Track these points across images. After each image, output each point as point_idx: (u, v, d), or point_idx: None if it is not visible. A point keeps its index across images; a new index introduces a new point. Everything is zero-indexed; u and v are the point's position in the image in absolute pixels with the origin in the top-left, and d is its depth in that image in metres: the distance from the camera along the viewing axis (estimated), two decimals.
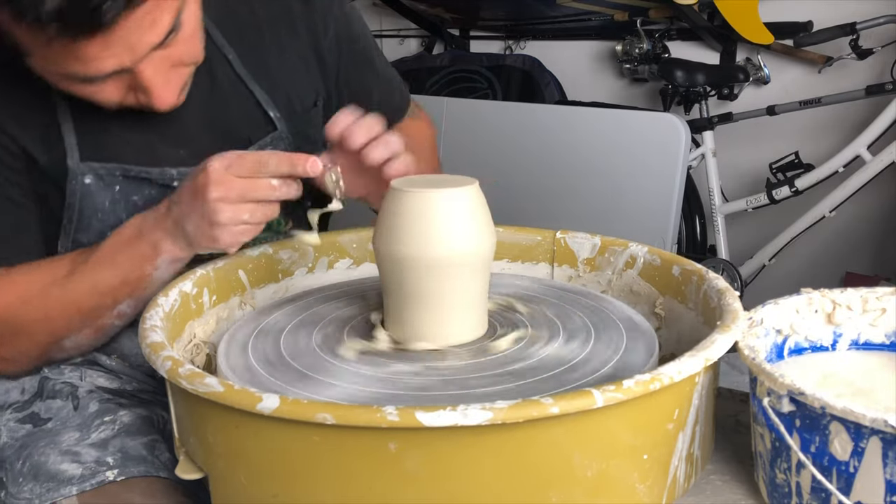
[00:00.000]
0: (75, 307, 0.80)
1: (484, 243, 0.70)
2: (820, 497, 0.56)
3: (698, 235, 2.42)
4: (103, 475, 0.78)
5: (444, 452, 0.51)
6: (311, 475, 0.53)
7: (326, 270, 0.92)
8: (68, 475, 0.78)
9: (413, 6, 2.89)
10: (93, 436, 0.83)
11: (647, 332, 0.72)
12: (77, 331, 0.83)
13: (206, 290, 0.78)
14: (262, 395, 0.52)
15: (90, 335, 0.84)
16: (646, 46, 2.52)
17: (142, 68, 0.73)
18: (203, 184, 0.72)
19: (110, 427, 0.84)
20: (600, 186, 2.15)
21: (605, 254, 0.88)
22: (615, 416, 0.53)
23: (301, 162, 0.72)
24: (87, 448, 0.81)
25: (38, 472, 0.79)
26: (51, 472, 0.79)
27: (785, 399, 0.56)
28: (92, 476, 0.78)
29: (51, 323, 0.81)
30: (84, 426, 0.84)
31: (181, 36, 0.74)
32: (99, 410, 0.86)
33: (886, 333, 0.71)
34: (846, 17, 2.21)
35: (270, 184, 0.73)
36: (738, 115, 2.36)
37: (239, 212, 0.72)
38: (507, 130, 2.26)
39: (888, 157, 2.07)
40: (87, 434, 0.83)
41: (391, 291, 0.72)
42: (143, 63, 0.73)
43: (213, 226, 0.73)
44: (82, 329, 0.83)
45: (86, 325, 0.83)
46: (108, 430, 0.84)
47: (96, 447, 0.81)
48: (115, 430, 0.84)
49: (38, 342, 0.83)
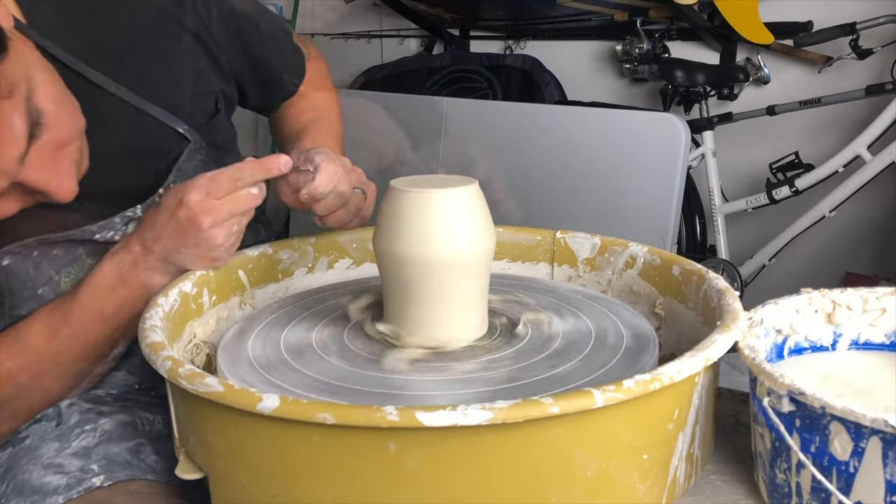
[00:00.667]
0: (72, 371, 0.81)
1: (484, 243, 0.70)
2: (820, 497, 0.56)
3: (698, 235, 2.42)
4: (89, 482, 0.76)
5: (444, 452, 0.51)
6: (311, 475, 0.53)
7: (326, 270, 0.92)
8: (53, 486, 0.76)
9: (413, 6, 2.89)
10: (73, 444, 0.81)
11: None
12: (76, 387, 0.84)
13: (206, 290, 0.78)
14: (262, 395, 0.52)
15: (86, 386, 0.86)
16: (646, 46, 2.52)
17: (24, 177, 0.68)
18: (190, 217, 0.73)
19: (91, 435, 0.82)
20: (600, 186, 2.14)
21: (605, 254, 0.88)
22: (615, 416, 0.53)
23: (275, 164, 0.76)
24: (70, 458, 0.79)
25: (23, 488, 0.77)
26: (34, 486, 0.77)
27: (785, 399, 0.56)
28: (78, 484, 0.76)
29: (47, 392, 0.82)
30: (63, 436, 0.82)
31: (47, 120, 0.68)
32: (79, 421, 0.84)
33: (886, 333, 0.71)
34: (846, 17, 2.21)
35: (250, 193, 0.75)
36: (738, 115, 2.36)
37: (230, 229, 0.76)
38: (507, 130, 2.26)
39: (888, 157, 2.07)
40: (66, 443, 0.81)
41: (391, 291, 0.72)
42: (21, 173, 0.68)
43: (211, 250, 0.76)
44: (80, 384, 0.84)
45: (84, 379, 0.84)
46: (90, 438, 0.82)
47: (79, 456, 0.79)
48: (96, 438, 0.82)
49: (30, 407, 0.83)
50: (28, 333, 0.79)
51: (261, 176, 0.76)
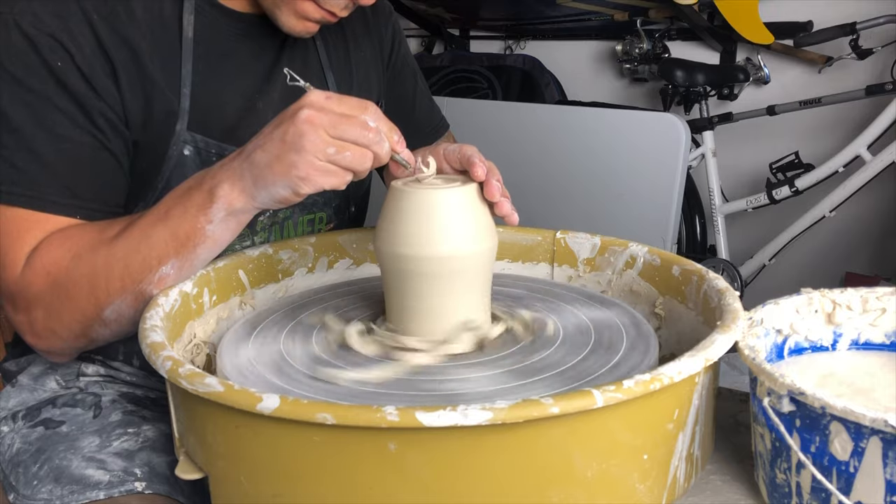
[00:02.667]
0: (121, 264, 0.73)
1: (484, 243, 0.70)
2: (820, 497, 0.56)
3: (698, 235, 2.42)
4: (131, 485, 0.78)
5: (444, 452, 0.51)
6: (312, 475, 0.53)
7: (326, 270, 0.92)
8: (94, 480, 0.78)
9: (413, 6, 2.89)
10: (115, 444, 0.83)
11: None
12: (118, 295, 0.74)
13: (206, 290, 0.78)
14: (262, 395, 0.52)
15: (131, 303, 0.75)
16: (646, 46, 2.52)
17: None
18: (295, 108, 0.66)
19: (134, 438, 0.83)
20: (600, 186, 2.14)
21: (605, 254, 0.88)
22: (615, 416, 0.53)
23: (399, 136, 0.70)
24: (112, 457, 0.81)
25: (60, 475, 0.79)
26: (74, 476, 0.79)
27: (785, 399, 0.56)
28: (121, 483, 0.78)
29: (94, 280, 0.73)
30: (104, 432, 0.84)
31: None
32: (121, 421, 0.85)
33: (886, 333, 0.71)
34: (846, 17, 2.21)
35: (366, 122, 0.66)
36: (738, 115, 2.36)
37: (325, 142, 0.65)
38: (507, 130, 2.26)
39: (888, 157, 2.07)
40: (107, 441, 0.83)
41: (392, 291, 0.72)
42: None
43: (292, 149, 0.65)
44: (123, 294, 0.74)
45: (127, 289, 0.73)
46: (132, 442, 0.83)
47: (122, 457, 0.81)
48: (139, 443, 0.83)
49: (82, 308, 0.75)
50: (108, 225, 0.76)
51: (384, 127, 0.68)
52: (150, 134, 0.83)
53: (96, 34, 0.79)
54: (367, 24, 1.04)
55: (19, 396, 0.90)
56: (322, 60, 0.98)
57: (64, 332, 0.77)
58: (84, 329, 0.76)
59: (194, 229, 0.71)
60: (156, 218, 0.73)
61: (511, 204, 0.75)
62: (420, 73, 1.16)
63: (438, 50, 3.10)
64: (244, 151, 0.69)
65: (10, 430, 0.86)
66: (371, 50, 1.05)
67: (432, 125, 1.16)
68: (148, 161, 0.84)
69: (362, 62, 1.03)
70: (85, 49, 0.78)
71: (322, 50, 0.98)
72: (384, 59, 1.08)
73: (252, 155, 0.68)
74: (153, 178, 0.84)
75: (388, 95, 1.09)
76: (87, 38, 0.79)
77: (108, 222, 0.78)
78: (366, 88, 1.03)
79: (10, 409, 0.89)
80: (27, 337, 0.78)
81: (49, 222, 0.76)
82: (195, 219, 0.70)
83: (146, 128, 0.83)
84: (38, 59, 0.76)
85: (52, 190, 0.76)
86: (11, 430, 0.86)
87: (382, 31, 1.07)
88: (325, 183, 0.66)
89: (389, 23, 1.08)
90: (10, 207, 0.75)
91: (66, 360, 0.86)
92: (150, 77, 0.82)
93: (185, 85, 0.84)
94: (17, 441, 0.85)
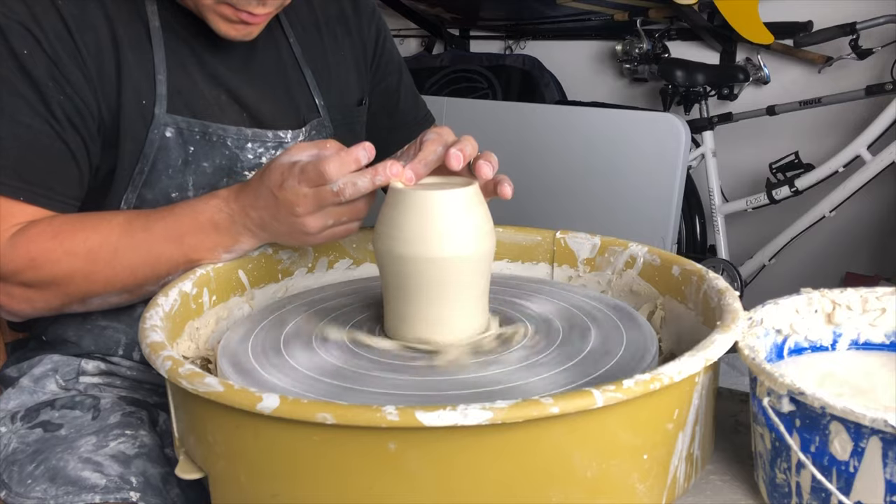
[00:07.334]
0: (127, 272, 0.80)
1: (484, 243, 0.70)
2: (820, 497, 0.56)
3: (698, 235, 2.42)
4: (127, 493, 0.78)
5: (444, 452, 0.51)
6: (311, 475, 0.53)
7: (326, 270, 0.92)
8: (91, 483, 0.78)
9: (413, 6, 2.90)
10: (111, 444, 0.82)
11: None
12: (115, 293, 0.83)
13: (206, 290, 0.78)
14: (262, 394, 0.52)
15: (125, 298, 0.84)
16: (646, 46, 2.52)
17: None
18: (287, 200, 0.74)
19: (131, 442, 0.83)
20: (600, 186, 2.15)
21: (605, 254, 0.88)
22: (615, 415, 0.53)
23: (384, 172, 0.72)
24: (109, 460, 0.80)
25: (56, 475, 0.79)
26: (70, 477, 0.78)
27: (785, 399, 0.56)
28: (117, 490, 0.78)
29: (90, 279, 0.81)
30: (101, 433, 0.83)
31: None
32: (119, 422, 0.85)
33: (886, 333, 0.71)
34: (846, 17, 2.21)
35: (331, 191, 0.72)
36: (738, 115, 2.37)
37: (325, 221, 0.75)
38: (507, 130, 2.26)
39: (888, 157, 2.07)
40: (104, 442, 0.82)
41: (392, 291, 0.72)
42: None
43: (305, 235, 0.76)
44: (122, 293, 0.83)
45: (127, 290, 0.82)
46: (129, 446, 0.83)
47: (118, 461, 0.81)
48: (135, 448, 0.83)
49: (68, 294, 0.82)
50: (109, 222, 0.81)
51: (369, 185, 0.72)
52: (127, 118, 0.86)
53: (63, 19, 0.82)
54: (347, 24, 1.06)
55: (19, 398, 0.90)
56: (299, 58, 1.00)
57: (41, 303, 0.83)
58: (62, 305, 0.84)
59: (213, 257, 0.81)
60: (168, 239, 0.80)
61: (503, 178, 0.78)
62: (405, 67, 1.17)
63: (438, 50, 3.10)
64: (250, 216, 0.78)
65: (8, 430, 0.86)
66: (352, 51, 1.07)
67: (417, 119, 1.17)
68: (129, 144, 0.87)
69: (342, 63, 1.05)
70: (50, 34, 0.82)
71: (297, 47, 1.00)
72: (367, 59, 1.09)
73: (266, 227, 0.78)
74: (136, 160, 0.87)
75: (373, 91, 1.11)
76: (53, 23, 0.82)
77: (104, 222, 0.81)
78: (345, 90, 1.05)
79: (10, 411, 0.89)
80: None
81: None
82: (214, 252, 0.81)
83: (121, 111, 0.86)
84: (6, 47, 0.80)
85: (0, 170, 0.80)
86: (9, 431, 0.86)
87: (365, 31, 1.09)
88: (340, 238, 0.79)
89: (373, 22, 1.10)
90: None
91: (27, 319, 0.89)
92: (121, 62, 0.86)
93: (160, 72, 0.88)
94: (14, 441, 0.85)
